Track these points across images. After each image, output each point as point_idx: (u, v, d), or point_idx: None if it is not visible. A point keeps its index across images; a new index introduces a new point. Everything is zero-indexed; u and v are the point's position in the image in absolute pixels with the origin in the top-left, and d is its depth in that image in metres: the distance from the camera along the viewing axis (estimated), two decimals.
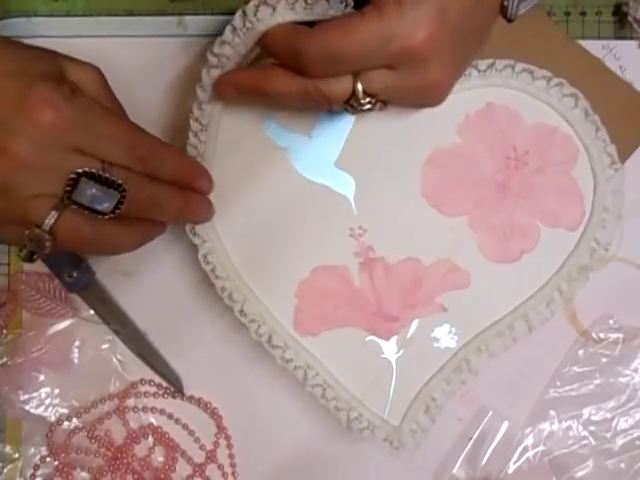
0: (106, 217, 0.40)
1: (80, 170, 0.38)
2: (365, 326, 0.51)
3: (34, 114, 0.37)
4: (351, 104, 0.42)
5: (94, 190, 0.39)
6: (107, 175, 0.39)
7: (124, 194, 0.39)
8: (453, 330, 0.51)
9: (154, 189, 0.42)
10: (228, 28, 0.45)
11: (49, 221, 0.39)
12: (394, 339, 0.51)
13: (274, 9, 0.42)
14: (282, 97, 0.44)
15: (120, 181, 0.39)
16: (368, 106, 0.43)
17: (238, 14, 0.44)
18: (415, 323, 0.51)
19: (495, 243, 0.51)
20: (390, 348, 0.51)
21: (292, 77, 0.42)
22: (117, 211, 0.40)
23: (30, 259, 0.40)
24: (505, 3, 0.43)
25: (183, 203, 0.44)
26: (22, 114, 0.37)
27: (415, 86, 0.42)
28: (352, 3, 0.43)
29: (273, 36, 0.43)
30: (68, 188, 0.38)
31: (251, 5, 0.42)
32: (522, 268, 0.51)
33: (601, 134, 0.51)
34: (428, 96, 0.43)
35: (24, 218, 0.39)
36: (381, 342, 0.51)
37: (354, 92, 0.42)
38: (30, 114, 0.37)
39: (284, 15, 0.43)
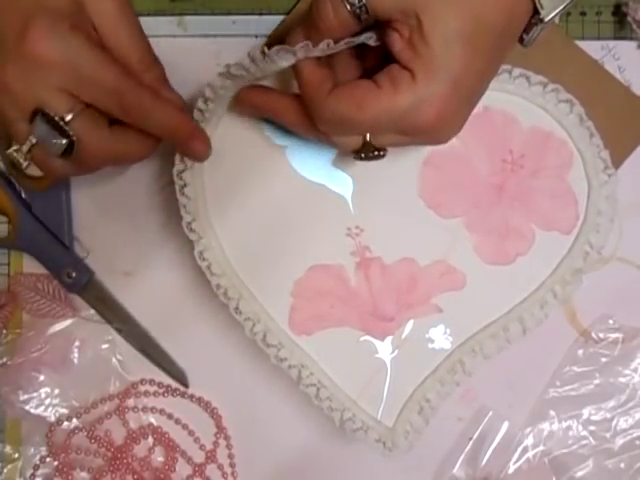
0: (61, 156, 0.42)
1: (40, 108, 0.40)
2: (360, 326, 0.51)
3: (24, 46, 0.39)
4: (360, 155, 0.44)
5: (44, 131, 0.41)
6: (61, 123, 0.40)
7: (73, 143, 0.41)
8: (448, 331, 0.51)
9: (110, 143, 0.43)
10: (247, 59, 0.44)
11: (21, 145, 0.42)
12: (389, 339, 0.51)
13: (295, 54, 0.42)
14: (295, 129, 0.46)
15: (71, 132, 0.41)
16: (376, 155, 0.44)
17: (258, 51, 0.43)
18: (410, 323, 0.51)
19: (490, 245, 0.52)
20: (385, 348, 0.51)
21: (307, 119, 0.44)
22: (69, 155, 0.42)
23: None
24: (524, 36, 0.43)
25: (149, 151, 0.45)
26: (18, 44, 0.39)
27: (424, 143, 0.44)
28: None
29: (301, 76, 0.43)
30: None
31: (274, 50, 0.42)
32: (517, 270, 0.51)
33: (595, 140, 0.51)
34: (436, 144, 0.44)
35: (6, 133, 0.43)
36: (376, 342, 0.51)
37: (364, 144, 0.43)
38: (22, 45, 0.39)
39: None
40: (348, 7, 0.40)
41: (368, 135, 0.43)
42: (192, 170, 0.49)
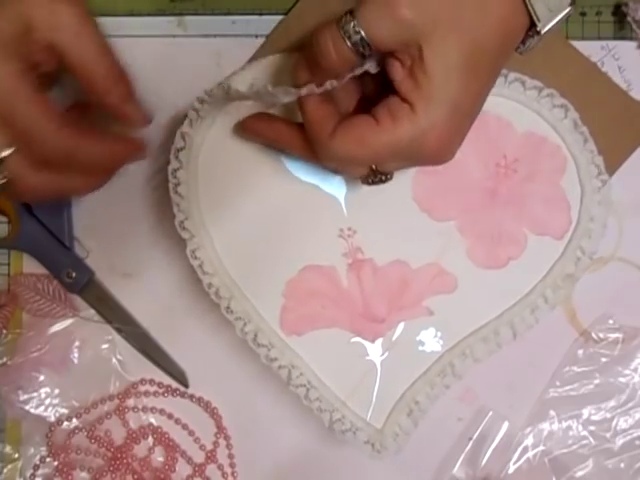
0: None
1: None
2: (351, 327, 0.51)
3: None
4: (367, 181, 0.44)
5: None
6: None
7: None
8: (438, 334, 0.51)
9: (48, 181, 0.41)
10: (250, 92, 0.44)
11: None
12: (379, 341, 0.51)
13: (299, 93, 0.42)
14: (300, 158, 0.47)
15: (3, 171, 0.39)
16: (383, 180, 0.44)
17: (261, 85, 0.42)
18: (401, 326, 0.51)
19: (483, 249, 0.52)
20: (375, 350, 0.51)
21: (312, 151, 0.44)
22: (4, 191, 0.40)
23: None
24: (520, 46, 0.43)
25: (86, 182, 0.43)
26: None
27: (428, 165, 0.44)
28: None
29: (305, 113, 0.43)
30: None
31: (279, 89, 0.41)
32: (508, 274, 0.52)
33: (589, 145, 0.51)
34: (439, 164, 0.44)
35: None
36: (366, 344, 0.51)
37: (370, 172, 0.43)
38: None
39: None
40: (349, 44, 0.40)
41: (375, 168, 0.43)
42: (187, 169, 0.49)
